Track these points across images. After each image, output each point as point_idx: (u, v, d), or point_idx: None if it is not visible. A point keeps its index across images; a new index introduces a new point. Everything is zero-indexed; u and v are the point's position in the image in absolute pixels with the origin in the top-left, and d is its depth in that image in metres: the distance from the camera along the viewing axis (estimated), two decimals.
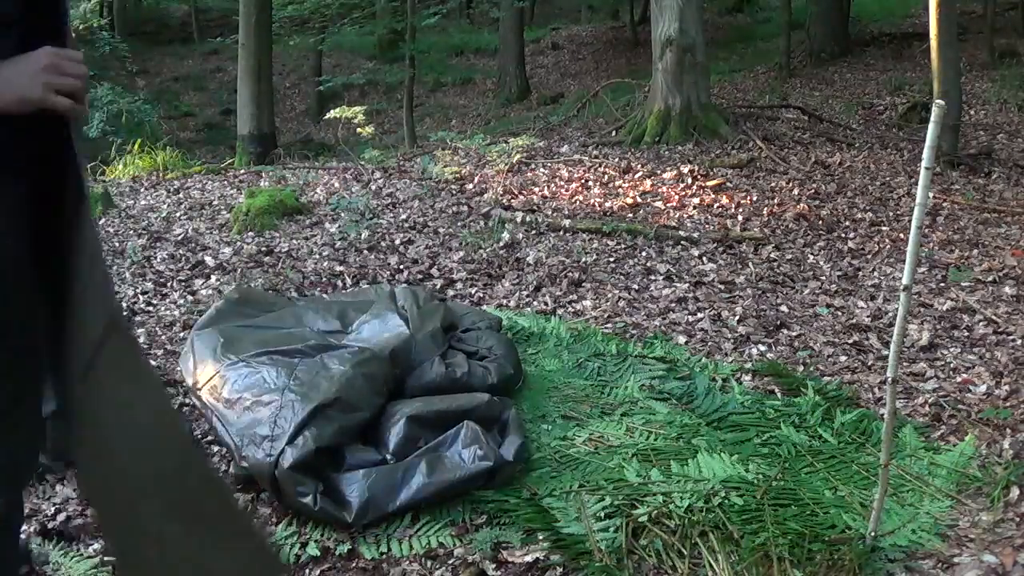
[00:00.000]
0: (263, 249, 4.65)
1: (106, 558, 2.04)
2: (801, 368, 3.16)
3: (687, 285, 4.10)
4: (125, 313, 3.71)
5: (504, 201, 5.63)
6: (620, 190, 5.94)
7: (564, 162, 6.73)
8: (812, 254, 4.61)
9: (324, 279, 4.17)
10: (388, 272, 4.29)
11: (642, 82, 8.84)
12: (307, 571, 2.00)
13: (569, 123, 8.96)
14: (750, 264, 4.43)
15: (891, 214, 5.31)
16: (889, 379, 1.93)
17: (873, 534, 2.00)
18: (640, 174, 6.33)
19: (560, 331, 3.41)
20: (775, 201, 5.55)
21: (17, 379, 1.35)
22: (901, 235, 4.83)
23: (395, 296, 3.05)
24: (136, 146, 8.72)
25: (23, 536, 2.15)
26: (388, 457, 2.29)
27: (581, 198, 5.74)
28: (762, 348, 3.37)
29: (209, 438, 2.59)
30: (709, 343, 3.42)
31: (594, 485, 2.27)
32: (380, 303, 2.99)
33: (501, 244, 4.65)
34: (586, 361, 3.14)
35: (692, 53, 7.57)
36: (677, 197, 5.73)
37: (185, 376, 2.76)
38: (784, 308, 3.82)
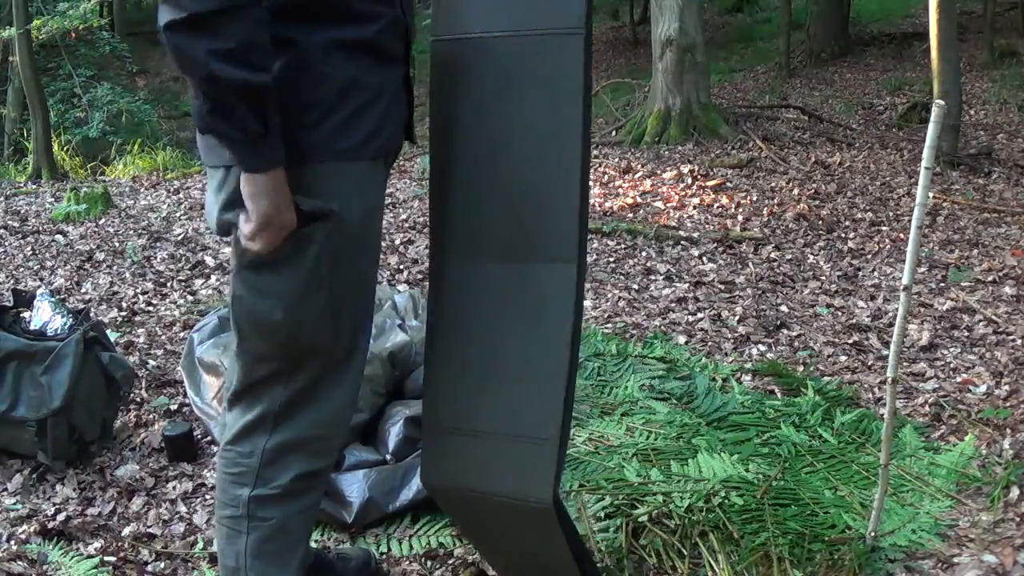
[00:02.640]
0: None
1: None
2: (801, 368, 3.16)
3: (687, 285, 4.10)
4: (124, 313, 3.71)
5: None
6: (620, 190, 5.94)
7: None
8: (812, 254, 4.61)
9: None
10: (388, 272, 4.29)
11: (642, 82, 8.85)
12: None
13: None
14: (750, 264, 4.43)
15: (891, 214, 5.31)
16: (889, 379, 1.93)
17: (873, 534, 2.00)
18: (640, 174, 6.34)
19: None
20: (775, 201, 5.56)
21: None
22: (901, 235, 4.83)
23: (396, 305, 3.05)
24: (136, 146, 8.73)
25: (23, 536, 2.15)
26: (388, 457, 2.29)
27: None
28: (762, 348, 3.37)
29: (208, 438, 2.59)
30: (709, 343, 3.42)
31: (594, 485, 2.27)
32: (379, 312, 2.98)
33: None
34: (586, 361, 3.13)
35: (692, 53, 7.58)
36: (677, 197, 5.73)
37: (185, 377, 2.76)
38: (784, 308, 3.82)
